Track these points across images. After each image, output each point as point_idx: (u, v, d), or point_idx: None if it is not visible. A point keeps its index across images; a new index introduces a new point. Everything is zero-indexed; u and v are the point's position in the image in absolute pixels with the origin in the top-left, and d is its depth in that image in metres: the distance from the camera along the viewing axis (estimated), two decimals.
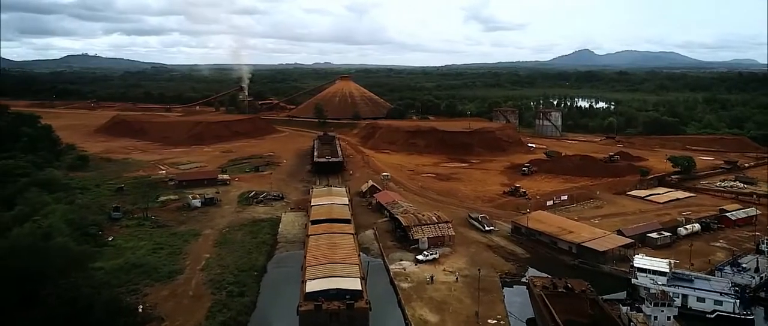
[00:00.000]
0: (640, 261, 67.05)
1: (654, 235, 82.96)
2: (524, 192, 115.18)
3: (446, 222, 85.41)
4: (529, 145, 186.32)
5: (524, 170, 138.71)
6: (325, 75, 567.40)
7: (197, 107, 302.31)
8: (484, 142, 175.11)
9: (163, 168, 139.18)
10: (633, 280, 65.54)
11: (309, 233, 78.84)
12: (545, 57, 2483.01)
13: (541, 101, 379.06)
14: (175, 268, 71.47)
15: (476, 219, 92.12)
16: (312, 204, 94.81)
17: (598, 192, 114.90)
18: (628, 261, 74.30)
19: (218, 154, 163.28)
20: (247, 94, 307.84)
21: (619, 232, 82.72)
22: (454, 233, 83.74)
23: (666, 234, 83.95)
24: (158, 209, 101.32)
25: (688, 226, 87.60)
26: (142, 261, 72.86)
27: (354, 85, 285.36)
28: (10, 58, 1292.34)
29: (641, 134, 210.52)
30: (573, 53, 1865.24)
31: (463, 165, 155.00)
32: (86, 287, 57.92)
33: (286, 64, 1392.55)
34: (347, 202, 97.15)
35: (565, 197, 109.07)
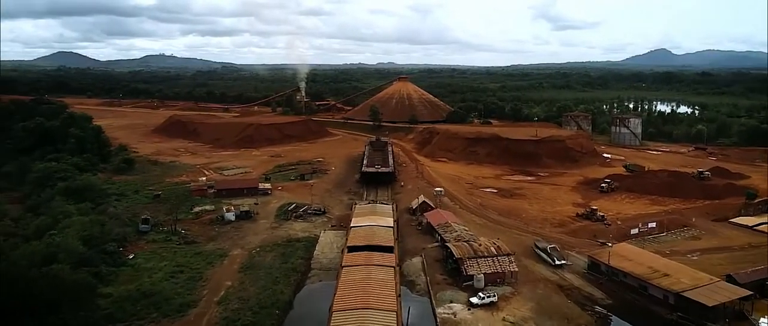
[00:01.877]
0: None
1: None
2: (603, 215, 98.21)
3: (508, 254, 71.57)
4: (605, 155, 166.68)
5: (603, 187, 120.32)
6: (387, 75, 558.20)
7: (255, 107, 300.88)
8: (554, 151, 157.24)
9: (207, 172, 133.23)
10: None
11: (343, 263, 67.46)
12: (618, 57, 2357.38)
13: (616, 105, 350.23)
14: (189, 299, 62.50)
15: (544, 250, 77.57)
16: (351, 225, 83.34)
17: (693, 219, 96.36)
18: (745, 319, 58.11)
19: (266, 158, 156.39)
20: (303, 94, 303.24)
21: (730, 278, 65.52)
22: (516, 268, 69.90)
23: None
24: (191, 221, 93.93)
25: None
26: (156, 288, 64.27)
27: (412, 87, 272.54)
28: (97, 58, 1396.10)
29: (736, 145, 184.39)
30: (648, 53, 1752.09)
31: (529, 178, 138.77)
32: None
33: (350, 63, 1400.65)
34: (392, 224, 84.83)
35: (653, 224, 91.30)
